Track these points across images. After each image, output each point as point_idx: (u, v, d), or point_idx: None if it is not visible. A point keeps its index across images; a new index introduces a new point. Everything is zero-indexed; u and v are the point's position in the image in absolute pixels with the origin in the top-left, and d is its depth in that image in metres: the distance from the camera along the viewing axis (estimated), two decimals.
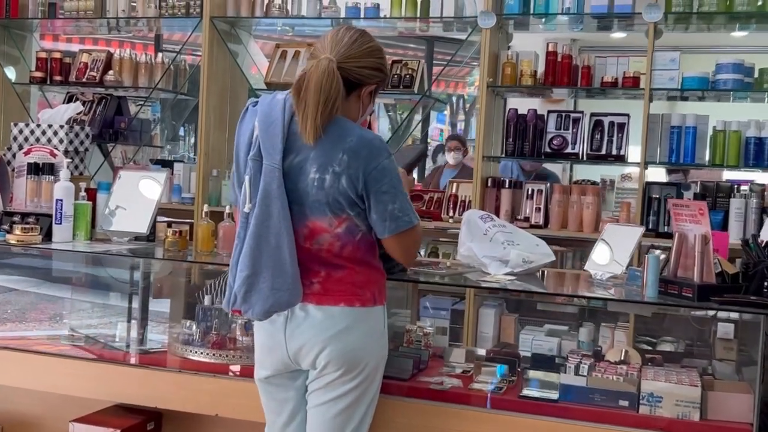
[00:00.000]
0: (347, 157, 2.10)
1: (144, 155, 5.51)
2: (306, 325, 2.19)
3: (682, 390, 2.43)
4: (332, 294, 2.18)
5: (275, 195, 2.12)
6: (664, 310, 3.14)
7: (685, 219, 2.53)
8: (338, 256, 2.18)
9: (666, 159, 4.03)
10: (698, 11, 3.95)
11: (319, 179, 2.12)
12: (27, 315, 3.47)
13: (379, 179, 2.12)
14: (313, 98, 2.08)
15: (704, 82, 3.98)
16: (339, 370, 2.20)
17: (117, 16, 4.89)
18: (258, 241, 2.14)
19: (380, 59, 2.23)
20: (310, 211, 2.15)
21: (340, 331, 2.18)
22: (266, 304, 2.16)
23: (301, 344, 2.20)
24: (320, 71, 2.09)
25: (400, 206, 2.15)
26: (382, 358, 2.29)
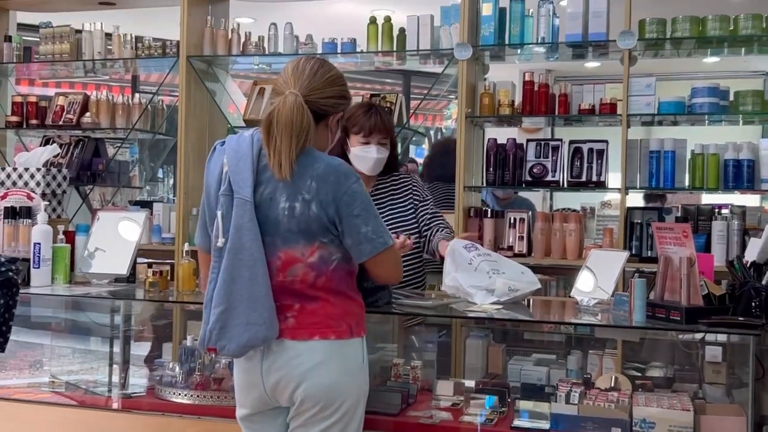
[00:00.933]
0: (315, 183, 2.12)
1: (123, 197, 5.46)
2: (281, 360, 2.16)
3: (675, 415, 2.41)
4: (306, 327, 2.15)
5: (247, 228, 2.12)
6: (653, 334, 3.14)
7: (669, 242, 2.53)
8: (312, 286, 2.16)
9: (646, 183, 4.04)
10: (671, 36, 3.99)
11: (289, 208, 2.12)
12: (6, 363, 3.40)
13: (350, 203, 2.13)
14: (285, 134, 2.10)
15: (680, 106, 4.01)
16: (316, 406, 2.15)
17: (93, 58, 4.87)
18: (232, 275, 2.13)
19: (342, 86, 2.26)
20: (282, 241, 2.14)
21: (315, 365, 2.14)
22: (242, 339, 2.12)
23: (277, 380, 2.17)
24: (288, 107, 2.11)
25: (374, 228, 2.16)
26: (363, 393, 2.24)
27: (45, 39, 4.92)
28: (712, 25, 3.93)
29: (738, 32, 3.94)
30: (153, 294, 2.96)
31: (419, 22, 4.31)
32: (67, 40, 4.88)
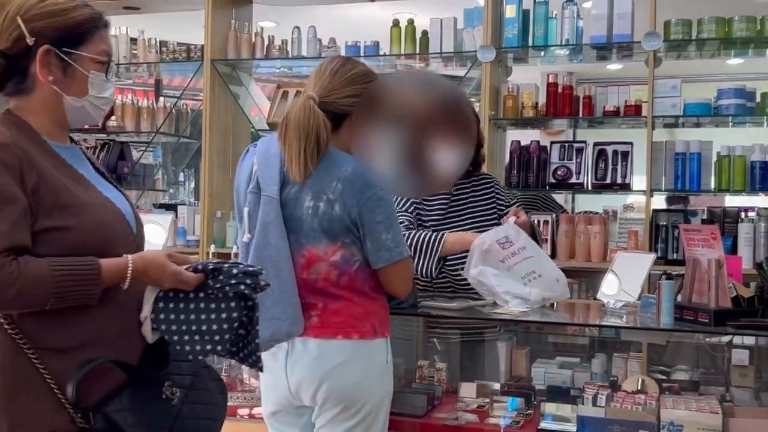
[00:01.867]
0: (341, 185, 2.12)
1: (147, 200, 5.51)
2: (305, 359, 2.17)
3: (704, 417, 2.39)
4: (330, 326, 2.16)
5: (273, 224, 2.15)
6: (678, 337, 3.12)
7: (697, 244, 2.52)
8: (335, 285, 2.17)
9: (671, 186, 4.02)
10: (697, 38, 3.96)
11: (313, 207, 2.13)
12: None
13: (374, 209, 2.13)
14: (294, 137, 2.12)
15: (706, 108, 3.99)
16: (338, 406, 2.16)
17: (118, 62, 4.92)
18: None
19: (365, 84, 2.23)
20: (305, 239, 2.15)
21: (338, 365, 2.15)
22: (266, 334, 2.12)
23: (300, 379, 2.18)
24: (297, 109, 2.14)
25: (394, 237, 2.16)
26: (387, 394, 2.23)
27: None
28: (738, 26, 3.91)
29: (764, 33, 3.91)
30: None
31: (442, 24, 4.32)
32: None
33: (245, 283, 1.71)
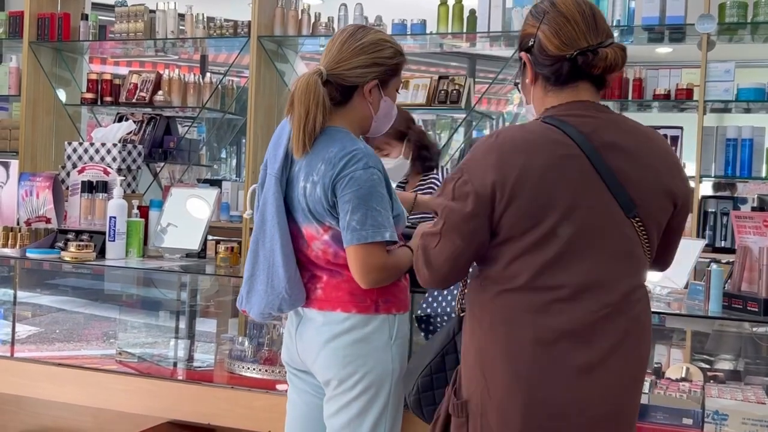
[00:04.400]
0: (324, 166, 2.10)
1: (191, 175, 5.57)
2: (309, 329, 2.20)
3: (750, 407, 2.36)
4: (332, 300, 2.18)
5: (270, 201, 2.17)
6: (721, 326, 3.07)
7: (748, 231, 2.47)
8: (333, 262, 2.17)
9: (721, 172, 3.95)
10: (752, 21, 3.87)
11: (303, 188, 2.14)
12: (74, 335, 3.50)
13: (345, 187, 2.07)
14: (296, 112, 2.11)
15: (760, 93, 3.90)
16: (334, 379, 2.17)
17: (166, 37, 4.95)
18: (256, 245, 2.22)
19: (374, 53, 2.16)
20: (302, 219, 2.17)
21: (334, 335, 2.16)
22: (261, 305, 2.21)
23: (303, 347, 2.22)
24: (301, 83, 2.11)
25: (360, 218, 2.06)
26: (390, 373, 2.18)
27: (120, 18, 5.02)
28: None
29: None
30: (224, 269, 3.01)
31: (491, 3, 4.27)
32: (141, 19, 4.97)
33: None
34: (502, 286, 1.69)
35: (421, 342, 2.64)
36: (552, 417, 1.66)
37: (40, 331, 3.45)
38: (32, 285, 3.53)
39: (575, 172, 1.66)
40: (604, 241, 1.68)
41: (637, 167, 1.70)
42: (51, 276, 3.55)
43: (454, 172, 1.72)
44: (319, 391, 2.28)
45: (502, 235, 1.67)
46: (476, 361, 1.73)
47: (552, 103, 1.76)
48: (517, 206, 1.63)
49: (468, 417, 1.73)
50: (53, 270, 3.41)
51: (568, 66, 1.72)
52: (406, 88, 4.50)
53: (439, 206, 1.72)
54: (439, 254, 1.72)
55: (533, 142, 1.67)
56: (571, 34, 1.71)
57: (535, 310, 1.66)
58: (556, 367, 1.65)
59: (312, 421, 2.32)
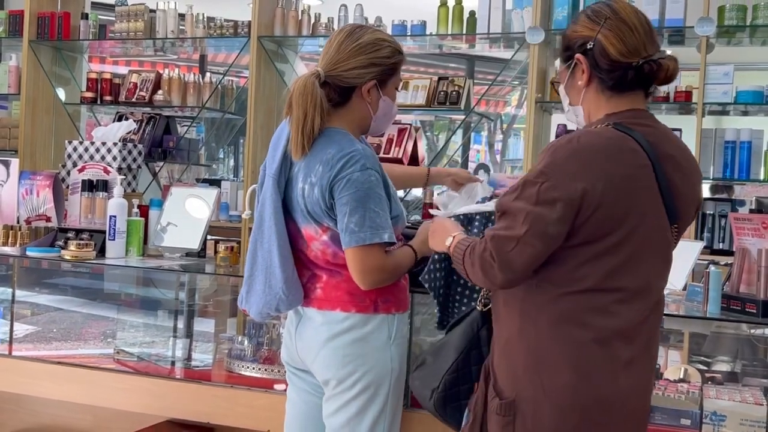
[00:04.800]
0: (322, 167, 2.10)
1: (190, 175, 5.57)
2: (308, 328, 2.21)
3: (747, 409, 2.36)
4: (331, 299, 2.19)
5: (268, 202, 2.18)
6: (718, 328, 3.08)
7: (747, 233, 2.48)
8: (333, 263, 2.18)
9: (719, 174, 3.96)
10: (751, 23, 3.88)
11: (301, 189, 2.14)
12: (72, 334, 3.50)
13: (342, 189, 2.07)
14: (295, 114, 2.11)
15: (759, 96, 3.91)
16: (333, 379, 2.17)
17: (166, 36, 4.96)
18: (254, 246, 2.24)
19: (371, 53, 2.16)
20: (300, 220, 2.18)
21: (333, 335, 2.16)
22: (259, 305, 2.23)
23: (302, 346, 2.23)
24: (299, 85, 2.12)
25: (358, 220, 2.06)
26: (389, 373, 2.18)
27: (120, 17, 5.03)
28: None
29: None
30: (224, 269, 3.02)
31: (491, 5, 4.28)
32: (141, 18, 4.98)
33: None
34: (566, 288, 1.73)
35: (420, 342, 2.65)
36: (602, 411, 1.73)
37: (38, 330, 3.45)
38: (31, 284, 3.53)
39: (647, 182, 1.74)
40: (656, 247, 1.78)
41: (683, 179, 1.80)
42: (50, 275, 3.56)
43: (533, 175, 1.71)
44: (318, 390, 2.29)
45: (577, 239, 1.70)
46: (529, 361, 1.75)
47: (612, 109, 1.79)
48: (601, 213, 1.68)
49: (515, 415, 1.75)
50: (52, 269, 3.42)
51: (633, 74, 1.76)
52: (405, 89, 4.51)
53: (516, 209, 1.70)
54: (518, 257, 1.70)
55: (616, 149, 1.71)
56: (635, 42, 1.76)
57: (596, 310, 1.73)
58: (608, 363, 1.73)
59: (311, 420, 2.33)
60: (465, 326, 1.99)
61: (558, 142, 1.73)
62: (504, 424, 1.76)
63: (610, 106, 1.80)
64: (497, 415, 1.77)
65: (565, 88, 1.89)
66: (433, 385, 1.98)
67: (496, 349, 1.85)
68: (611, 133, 1.74)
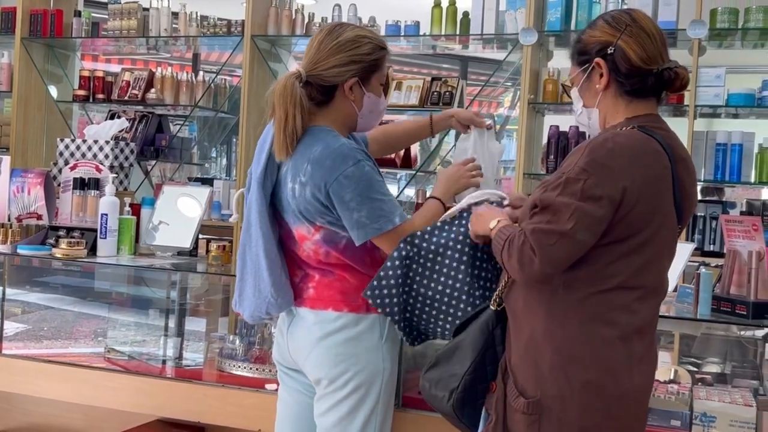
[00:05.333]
0: (311, 167, 2.09)
1: (182, 173, 5.56)
2: (301, 327, 2.21)
3: (737, 410, 2.37)
4: (323, 299, 2.18)
5: (254, 206, 2.18)
6: (710, 329, 3.09)
7: (738, 235, 2.49)
8: (326, 262, 2.18)
9: (711, 176, 3.98)
10: (743, 27, 3.90)
11: (292, 189, 2.14)
12: (63, 333, 3.48)
13: (341, 189, 2.07)
14: (277, 115, 2.11)
15: (750, 98, 3.93)
16: (325, 379, 2.17)
17: (159, 35, 4.95)
18: (243, 249, 2.24)
19: (351, 51, 2.16)
20: (291, 220, 2.17)
21: (325, 334, 2.16)
22: (251, 309, 2.23)
23: (295, 345, 2.23)
24: (278, 87, 2.12)
25: (367, 213, 2.07)
26: (381, 373, 2.18)
27: (113, 15, 5.02)
28: None
29: None
30: (216, 268, 3.01)
31: (484, 6, 4.29)
32: (135, 16, 4.97)
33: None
34: (595, 287, 1.77)
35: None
36: (622, 407, 1.79)
37: (29, 329, 3.43)
38: (21, 282, 3.52)
39: (668, 183, 1.80)
40: (669, 247, 1.86)
41: (691, 182, 1.89)
42: (41, 273, 3.54)
43: (575, 173, 1.73)
44: (309, 389, 2.29)
45: (610, 237, 1.75)
46: (555, 360, 1.78)
47: (632, 113, 1.86)
48: (635, 212, 1.74)
49: (541, 414, 1.77)
50: (43, 267, 3.41)
51: (653, 80, 1.82)
52: (399, 89, 4.52)
53: (561, 204, 1.72)
54: (560, 252, 1.72)
55: (647, 151, 1.78)
56: (653, 50, 1.84)
57: (621, 308, 1.78)
58: (628, 360, 1.79)
59: (302, 420, 2.33)
60: (480, 325, 1.99)
61: (593, 141, 1.77)
62: (529, 423, 1.78)
63: (629, 111, 1.86)
64: (523, 414, 1.79)
65: (579, 90, 1.94)
66: (452, 386, 1.97)
67: (515, 349, 1.86)
68: (640, 135, 1.79)
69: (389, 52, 2.26)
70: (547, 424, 1.77)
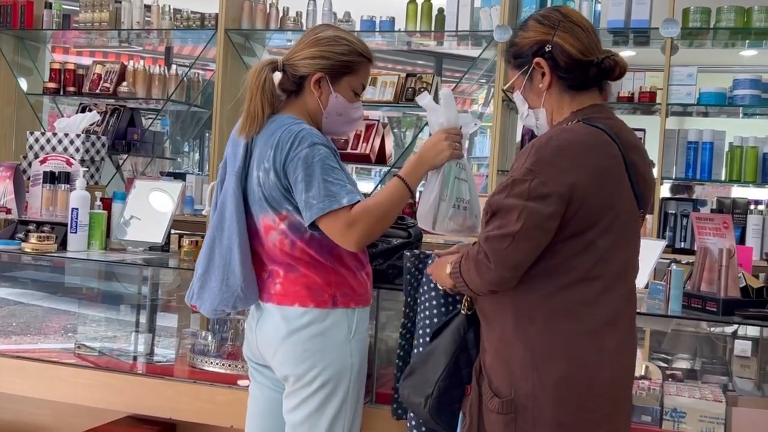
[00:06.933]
0: (272, 151, 2.12)
1: (153, 168, 5.51)
2: (268, 323, 2.21)
3: (707, 405, 2.40)
4: (290, 295, 2.18)
5: (230, 200, 2.18)
6: (678, 326, 3.12)
7: (708, 233, 2.51)
8: (291, 255, 2.17)
9: (682, 174, 4.02)
10: (715, 26, 3.94)
11: (257, 177, 2.16)
12: (32, 328, 3.44)
13: (294, 169, 2.09)
14: (246, 96, 2.17)
15: (722, 97, 3.98)
16: (292, 375, 2.17)
17: (132, 27, 4.89)
18: (212, 242, 2.23)
19: (325, 46, 2.19)
20: (258, 209, 2.18)
21: (291, 330, 2.16)
22: (214, 302, 2.22)
23: (262, 341, 2.23)
24: (251, 71, 2.19)
25: (315, 193, 2.07)
26: (349, 368, 2.18)
27: (84, 7, 4.95)
28: (757, 17, 3.88)
29: None
30: (188, 263, 2.98)
31: (459, 2, 4.30)
32: (107, 9, 4.91)
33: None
34: (557, 282, 1.77)
35: (387, 339, 2.64)
36: (592, 398, 1.78)
37: None
38: None
39: (620, 170, 1.80)
40: (630, 234, 1.85)
41: (644, 164, 1.89)
42: (10, 268, 3.49)
43: (521, 174, 1.73)
44: (278, 385, 2.28)
45: (566, 232, 1.74)
46: (526, 357, 1.78)
47: (574, 107, 1.86)
48: (588, 205, 1.73)
49: (516, 412, 1.77)
50: (11, 262, 3.36)
51: (595, 71, 1.84)
52: (374, 84, 4.50)
53: (509, 207, 1.72)
54: (515, 254, 1.73)
55: (594, 143, 1.77)
56: (590, 42, 1.86)
57: (586, 302, 1.77)
58: (599, 350, 1.79)
59: (272, 416, 2.32)
60: (452, 331, 2.00)
61: (538, 141, 1.77)
62: (506, 423, 1.78)
63: (573, 104, 1.86)
64: (498, 414, 1.79)
65: (522, 93, 1.92)
66: (426, 392, 1.98)
67: (489, 350, 1.86)
68: (585, 129, 1.79)
69: (371, 62, 2.27)
70: (522, 423, 1.77)
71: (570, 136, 1.76)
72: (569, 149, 1.73)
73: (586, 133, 1.78)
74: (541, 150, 1.74)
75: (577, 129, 1.79)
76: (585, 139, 1.76)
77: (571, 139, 1.75)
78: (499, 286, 1.78)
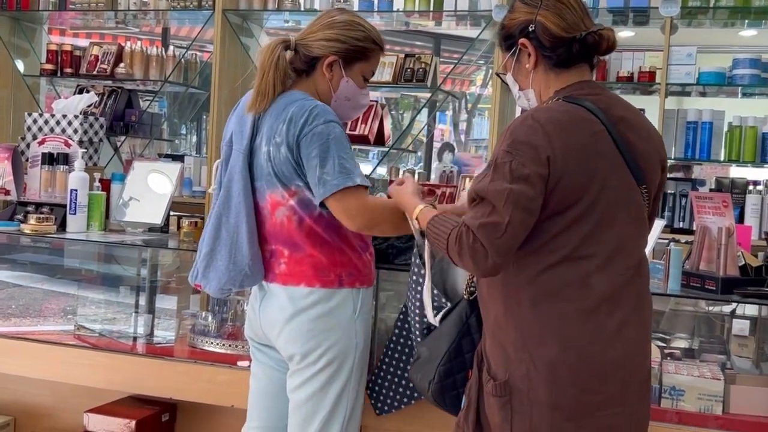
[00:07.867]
0: (285, 126, 2.11)
1: (151, 149, 5.49)
2: (273, 303, 2.21)
3: (705, 383, 2.42)
4: (295, 275, 2.18)
5: (237, 178, 2.18)
6: (676, 305, 3.13)
7: (708, 212, 2.52)
8: (297, 233, 2.17)
9: (681, 154, 4.02)
10: (715, 5, 3.92)
11: (266, 152, 2.15)
12: (32, 310, 3.44)
13: (309, 144, 2.09)
14: (258, 73, 2.17)
15: (721, 77, 3.97)
16: (297, 354, 2.18)
17: (128, 8, 4.86)
18: (218, 221, 2.22)
19: (341, 30, 2.20)
20: (266, 185, 2.17)
21: (297, 310, 2.17)
22: (221, 281, 2.22)
23: (267, 321, 2.23)
24: (264, 47, 2.19)
25: (330, 170, 2.07)
26: (354, 348, 2.20)
27: None
28: None
29: None
30: (187, 244, 2.99)
31: None
32: None
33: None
34: (543, 263, 1.75)
35: (386, 318, 2.65)
36: (599, 381, 1.75)
37: None
38: None
39: (605, 147, 1.77)
40: (626, 210, 1.80)
41: (641, 138, 1.83)
42: (9, 250, 3.50)
43: (500, 157, 1.72)
44: (282, 365, 2.29)
45: (547, 211, 1.73)
46: (517, 339, 1.77)
47: (559, 84, 1.84)
48: (565, 182, 1.71)
49: (511, 394, 1.77)
50: (11, 243, 3.36)
51: (578, 47, 1.81)
52: None
53: (495, 191, 1.70)
54: (509, 241, 1.70)
55: (570, 121, 1.75)
56: (573, 18, 1.83)
57: (576, 282, 1.75)
58: (598, 330, 1.75)
59: (275, 395, 2.33)
60: (454, 316, 2.00)
61: (514, 123, 1.77)
62: (501, 405, 1.78)
63: (558, 83, 1.85)
64: (494, 397, 1.79)
65: (513, 75, 1.92)
66: (429, 377, 1.99)
67: (487, 334, 1.87)
68: (563, 107, 1.78)
69: (383, 51, 2.28)
70: (518, 405, 1.77)
71: (545, 115, 1.75)
72: (542, 128, 1.71)
73: (563, 111, 1.76)
74: (517, 131, 1.73)
75: (554, 107, 1.78)
76: (560, 116, 1.74)
77: (544, 118, 1.73)
78: (495, 272, 1.77)
